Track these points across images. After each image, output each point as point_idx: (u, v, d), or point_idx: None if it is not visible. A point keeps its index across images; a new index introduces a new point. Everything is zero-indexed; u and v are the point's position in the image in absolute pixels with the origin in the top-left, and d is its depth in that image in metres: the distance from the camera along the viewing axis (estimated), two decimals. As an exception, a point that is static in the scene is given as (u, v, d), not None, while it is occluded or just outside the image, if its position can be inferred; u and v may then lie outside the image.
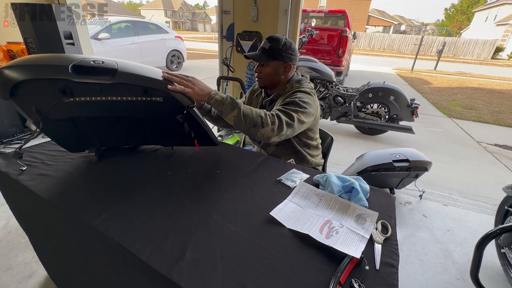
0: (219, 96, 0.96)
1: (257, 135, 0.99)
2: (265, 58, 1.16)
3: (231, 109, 0.96)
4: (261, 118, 0.98)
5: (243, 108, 0.97)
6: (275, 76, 1.20)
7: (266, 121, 0.98)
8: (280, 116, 1.01)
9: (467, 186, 2.53)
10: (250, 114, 0.97)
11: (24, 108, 0.85)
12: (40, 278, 1.36)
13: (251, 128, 0.98)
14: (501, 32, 21.33)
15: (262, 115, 0.98)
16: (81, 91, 0.82)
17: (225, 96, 0.97)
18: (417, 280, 1.47)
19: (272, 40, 1.17)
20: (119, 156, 1.08)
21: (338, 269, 0.59)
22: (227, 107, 0.96)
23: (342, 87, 3.60)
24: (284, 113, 1.04)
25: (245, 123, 0.97)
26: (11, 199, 1.08)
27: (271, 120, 0.99)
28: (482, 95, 6.93)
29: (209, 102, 0.96)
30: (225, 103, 0.96)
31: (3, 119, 2.68)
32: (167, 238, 0.67)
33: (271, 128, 0.98)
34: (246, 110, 0.97)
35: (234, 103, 0.97)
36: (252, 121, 0.97)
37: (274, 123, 0.99)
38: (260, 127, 0.97)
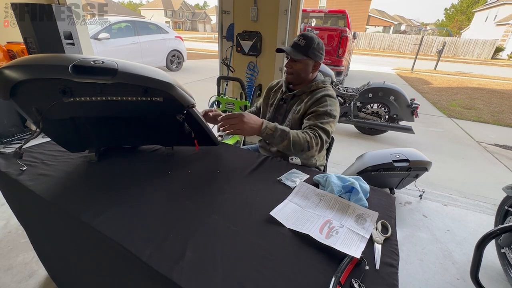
0: (269, 130, 1.03)
1: (302, 156, 1.11)
2: (299, 55, 1.19)
3: (281, 141, 1.04)
4: (308, 142, 1.05)
5: (292, 138, 1.04)
6: (304, 73, 1.24)
7: (311, 145, 1.05)
8: (321, 136, 1.09)
9: (467, 186, 2.52)
10: (299, 141, 1.05)
11: (24, 108, 0.85)
12: (40, 278, 1.36)
13: (298, 152, 1.07)
14: (501, 32, 21.33)
15: (308, 140, 1.06)
16: (81, 91, 0.82)
17: (275, 129, 1.04)
18: (417, 280, 1.47)
19: (307, 38, 1.19)
20: (119, 156, 1.08)
21: (338, 269, 0.59)
22: (277, 139, 1.04)
23: (342, 87, 3.60)
24: (322, 130, 1.11)
25: (294, 150, 1.05)
26: (11, 199, 1.07)
27: (315, 141, 1.07)
28: (482, 95, 6.93)
29: (261, 136, 1.04)
30: (275, 136, 1.04)
31: (3, 119, 2.68)
32: (167, 238, 0.67)
33: (315, 150, 1.07)
34: (295, 139, 1.04)
35: (284, 135, 1.04)
36: (300, 147, 1.05)
37: (317, 144, 1.07)
38: (306, 150, 1.06)
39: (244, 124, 0.99)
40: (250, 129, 1.00)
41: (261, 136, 1.04)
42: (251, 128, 1.00)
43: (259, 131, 1.02)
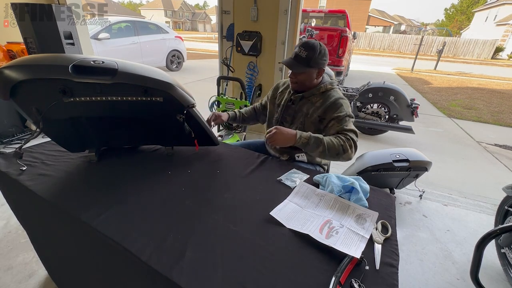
0: (304, 139, 1.08)
1: (339, 160, 1.10)
2: (301, 67, 1.19)
3: (316, 147, 1.07)
4: (342, 146, 1.07)
5: (326, 144, 1.07)
6: (309, 82, 1.25)
7: (346, 148, 1.07)
8: (352, 137, 1.11)
9: (467, 186, 2.52)
10: (333, 146, 1.07)
11: (24, 108, 0.85)
12: (40, 278, 1.35)
13: (334, 157, 1.09)
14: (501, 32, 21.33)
15: (342, 143, 1.08)
16: (81, 91, 0.82)
17: (309, 137, 1.08)
18: (417, 280, 1.47)
19: (308, 48, 1.18)
20: (119, 156, 1.08)
21: (338, 269, 0.59)
22: (312, 147, 1.08)
23: (342, 87, 3.60)
24: (351, 131, 1.13)
25: (329, 154, 1.07)
26: (12, 199, 1.07)
27: (349, 144, 1.08)
28: (482, 95, 6.92)
29: (297, 145, 1.09)
30: (310, 143, 1.08)
31: (3, 119, 2.68)
32: (167, 238, 0.67)
33: (351, 151, 1.09)
34: (330, 144, 1.07)
35: (318, 141, 1.07)
36: (335, 151, 1.07)
37: (351, 146, 1.09)
38: (342, 153, 1.07)
39: (279, 139, 1.07)
40: (285, 141, 1.08)
41: (296, 145, 1.08)
42: (286, 140, 1.07)
43: (294, 141, 1.08)
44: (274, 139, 1.07)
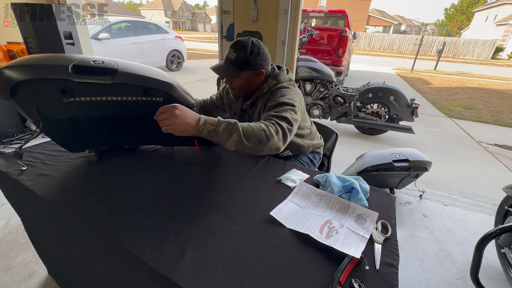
0: (210, 125, 0.83)
1: (264, 151, 0.89)
2: (233, 73, 1.06)
3: (228, 136, 0.84)
4: (264, 131, 0.87)
5: (241, 129, 0.85)
6: (248, 86, 1.13)
7: (270, 133, 0.88)
8: (279, 123, 0.93)
9: (467, 186, 2.52)
10: (252, 132, 0.86)
11: (24, 108, 0.85)
12: (40, 278, 1.36)
13: (256, 146, 0.87)
14: (501, 32, 21.34)
15: (264, 128, 0.88)
16: (81, 91, 0.82)
17: (217, 123, 0.83)
18: (417, 280, 1.47)
19: (237, 48, 1.05)
20: (119, 156, 1.08)
21: (338, 269, 0.59)
22: (223, 135, 0.83)
23: (342, 87, 3.60)
24: (279, 117, 0.95)
25: (249, 144, 0.86)
26: (12, 199, 1.08)
27: (275, 129, 0.89)
28: (482, 95, 6.92)
29: (201, 135, 0.83)
30: (220, 132, 0.83)
31: (3, 119, 2.68)
32: (167, 238, 0.67)
33: (278, 138, 0.89)
34: (247, 130, 0.86)
35: (230, 127, 0.84)
36: (256, 138, 0.86)
37: (278, 132, 0.90)
38: (266, 142, 0.87)
39: (177, 119, 0.79)
40: (185, 126, 0.80)
41: (201, 135, 0.83)
42: (185, 125, 0.80)
43: (197, 129, 0.81)
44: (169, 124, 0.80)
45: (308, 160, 1.35)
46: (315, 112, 3.63)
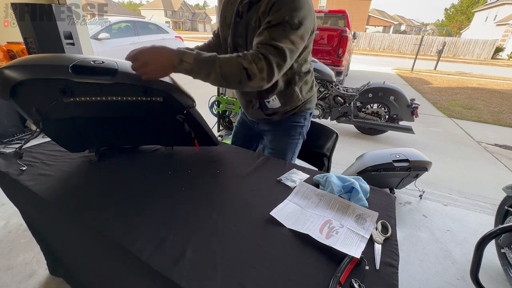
0: (187, 64, 0.76)
1: (246, 89, 0.84)
2: None
3: (206, 75, 0.79)
4: (246, 70, 0.78)
5: (219, 67, 0.77)
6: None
7: (252, 72, 0.78)
8: (268, 57, 0.80)
9: (467, 186, 2.52)
10: (231, 71, 0.78)
11: (24, 108, 0.85)
12: (40, 278, 1.35)
13: (237, 86, 0.82)
14: (501, 32, 21.34)
15: (245, 66, 0.78)
16: (81, 91, 0.82)
17: (193, 61, 0.77)
18: (417, 280, 1.47)
19: None
20: (119, 156, 1.08)
21: (338, 269, 0.59)
22: (201, 74, 0.79)
23: (342, 87, 3.60)
24: (273, 49, 0.80)
25: (228, 84, 0.80)
26: (14, 198, 1.07)
27: (258, 67, 0.79)
28: (482, 95, 6.93)
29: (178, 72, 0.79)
30: (198, 70, 0.78)
31: (3, 119, 2.68)
32: (167, 238, 0.67)
33: (260, 78, 0.80)
34: (225, 69, 0.78)
35: (208, 65, 0.77)
36: (236, 78, 0.79)
37: (262, 70, 0.79)
38: (246, 82, 0.79)
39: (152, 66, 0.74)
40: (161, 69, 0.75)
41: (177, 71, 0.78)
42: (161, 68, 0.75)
43: (173, 68, 0.76)
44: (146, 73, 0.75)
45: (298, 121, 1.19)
46: (315, 112, 3.63)
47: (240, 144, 1.31)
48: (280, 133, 1.22)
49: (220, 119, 3.07)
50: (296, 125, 1.21)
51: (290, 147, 1.23)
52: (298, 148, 1.28)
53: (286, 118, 1.19)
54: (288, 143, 1.23)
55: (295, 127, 1.21)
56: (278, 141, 1.23)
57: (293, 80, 1.06)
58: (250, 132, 1.37)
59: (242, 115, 1.40)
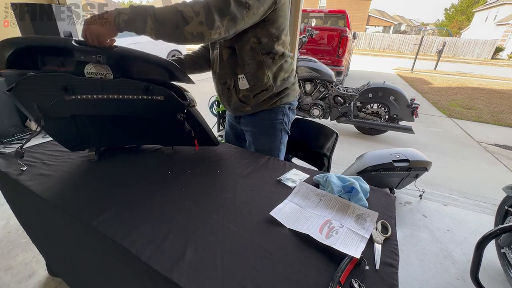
0: (124, 15, 0.76)
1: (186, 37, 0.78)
2: None
3: (143, 22, 0.76)
4: (181, 13, 0.75)
5: (155, 12, 0.76)
6: None
7: (188, 14, 0.75)
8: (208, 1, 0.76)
9: (467, 186, 2.52)
10: (167, 15, 0.76)
11: (25, 105, 0.85)
12: (40, 278, 1.36)
13: (174, 32, 0.77)
14: (501, 32, 21.33)
15: (180, 8, 0.75)
16: (82, 88, 0.83)
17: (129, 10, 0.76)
18: (417, 280, 1.47)
19: None
20: (119, 156, 1.08)
21: (338, 269, 0.59)
22: (139, 23, 0.76)
23: (342, 87, 3.60)
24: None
25: (166, 30, 0.77)
26: (12, 199, 1.08)
27: (194, 10, 0.75)
28: (482, 95, 6.92)
29: (121, 30, 0.78)
30: (135, 20, 0.76)
31: (3, 119, 2.68)
32: (167, 238, 0.67)
33: (198, 21, 0.75)
34: (161, 13, 0.76)
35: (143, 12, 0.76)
36: (171, 22, 0.76)
37: (199, 14, 0.75)
38: (183, 25, 0.76)
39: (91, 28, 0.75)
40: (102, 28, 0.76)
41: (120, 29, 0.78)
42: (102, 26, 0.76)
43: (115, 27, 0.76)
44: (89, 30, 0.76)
45: (276, 118, 1.16)
46: (315, 112, 3.64)
47: None
48: (260, 134, 1.22)
49: (220, 119, 3.07)
50: (275, 123, 1.19)
51: (274, 146, 1.22)
52: (283, 143, 1.26)
53: (262, 115, 1.16)
54: (271, 143, 1.22)
55: (274, 125, 1.19)
56: (260, 142, 1.23)
57: (266, 62, 1.03)
58: (236, 131, 1.37)
59: (227, 116, 1.41)
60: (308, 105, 3.65)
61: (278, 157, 1.23)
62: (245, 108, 1.15)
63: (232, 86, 1.11)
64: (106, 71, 0.82)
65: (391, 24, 37.54)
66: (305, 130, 1.58)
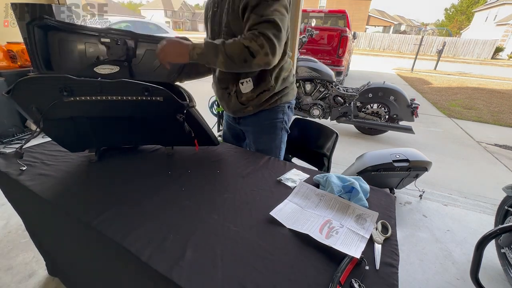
0: (198, 49, 0.89)
1: (254, 68, 0.90)
2: None
3: (215, 57, 0.88)
4: (248, 48, 0.85)
5: (226, 49, 0.87)
6: None
7: (254, 49, 0.85)
8: (265, 33, 0.85)
9: (467, 186, 2.52)
10: (236, 51, 0.86)
11: (24, 107, 0.85)
12: (40, 278, 1.35)
13: (244, 66, 0.88)
14: (501, 32, 21.32)
15: (247, 45, 0.85)
16: (81, 90, 0.82)
17: (203, 46, 0.89)
18: (417, 280, 1.47)
19: None
20: (119, 156, 1.08)
21: (338, 269, 0.59)
22: (211, 57, 0.89)
23: (342, 87, 3.60)
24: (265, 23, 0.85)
25: (236, 64, 0.88)
26: (12, 199, 1.08)
27: (259, 43, 0.84)
28: (482, 95, 6.92)
29: (194, 60, 0.91)
30: (208, 55, 0.89)
31: (3, 119, 2.68)
32: (167, 238, 0.67)
33: (264, 53, 0.86)
34: (230, 49, 0.87)
35: (215, 49, 0.88)
36: (240, 56, 0.86)
37: (263, 46, 0.85)
38: (251, 59, 0.86)
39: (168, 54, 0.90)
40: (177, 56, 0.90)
41: (192, 60, 0.90)
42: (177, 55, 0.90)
43: (188, 56, 0.90)
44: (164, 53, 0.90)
45: (276, 117, 1.18)
46: (315, 112, 3.63)
47: None
48: (261, 133, 1.22)
49: (220, 119, 3.07)
50: (275, 122, 1.19)
51: (274, 145, 1.23)
52: (283, 142, 1.27)
53: (263, 115, 1.17)
54: (272, 142, 1.22)
55: (274, 124, 1.20)
56: (261, 141, 1.23)
57: None
58: (235, 131, 1.37)
59: (225, 117, 1.41)
60: (308, 105, 3.65)
61: (278, 156, 1.23)
62: (246, 109, 1.16)
63: (233, 91, 1.13)
64: None
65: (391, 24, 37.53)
66: (305, 130, 1.58)
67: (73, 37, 1.01)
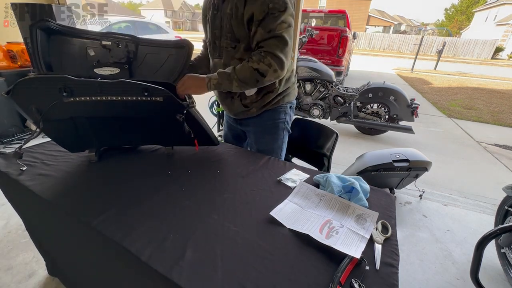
0: (214, 79, 0.97)
1: (266, 84, 0.98)
2: None
3: (230, 84, 0.96)
4: (257, 70, 0.91)
5: (238, 75, 0.94)
6: None
7: (263, 69, 0.91)
8: (272, 51, 0.89)
9: (467, 186, 2.52)
10: (247, 75, 0.93)
11: (24, 108, 0.85)
12: (40, 278, 1.35)
13: (256, 85, 0.97)
14: (501, 32, 21.32)
15: (255, 67, 0.91)
16: (81, 90, 0.82)
17: (218, 77, 0.96)
18: (417, 280, 1.47)
19: None
20: (119, 156, 1.08)
21: (338, 269, 0.59)
22: (226, 84, 0.97)
23: (342, 87, 3.60)
24: (272, 39, 0.89)
25: (250, 85, 0.97)
26: (12, 199, 1.07)
27: (267, 64, 0.90)
28: (482, 95, 6.92)
29: (211, 90, 1.00)
30: (223, 83, 0.97)
31: (3, 119, 2.68)
32: (167, 238, 0.67)
33: (273, 71, 0.92)
34: (241, 75, 0.93)
35: (228, 78, 0.95)
36: (252, 79, 0.93)
37: (271, 65, 0.91)
38: (262, 79, 0.93)
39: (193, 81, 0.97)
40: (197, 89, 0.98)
41: (211, 90, 1.00)
42: (197, 88, 0.98)
43: (206, 87, 0.98)
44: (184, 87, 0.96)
45: (278, 118, 1.19)
46: (315, 112, 3.63)
47: None
48: (263, 134, 1.22)
49: (220, 119, 3.07)
50: (277, 122, 1.20)
51: (276, 145, 1.23)
52: (284, 143, 1.27)
53: (265, 115, 1.18)
54: (274, 142, 1.23)
55: (277, 124, 1.20)
56: (263, 141, 1.23)
57: None
58: (236, 132, 1.37)
59: (226, 117, 1.41)
60: (308, 105, 3.65)
61: (280, 156, 1.24)
62: (249, 111, 1.17)
63: (237, 96, 1.14)
64: None
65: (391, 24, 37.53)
66: (305, 130, 1.58)
67: (75, 41, 1.02)
